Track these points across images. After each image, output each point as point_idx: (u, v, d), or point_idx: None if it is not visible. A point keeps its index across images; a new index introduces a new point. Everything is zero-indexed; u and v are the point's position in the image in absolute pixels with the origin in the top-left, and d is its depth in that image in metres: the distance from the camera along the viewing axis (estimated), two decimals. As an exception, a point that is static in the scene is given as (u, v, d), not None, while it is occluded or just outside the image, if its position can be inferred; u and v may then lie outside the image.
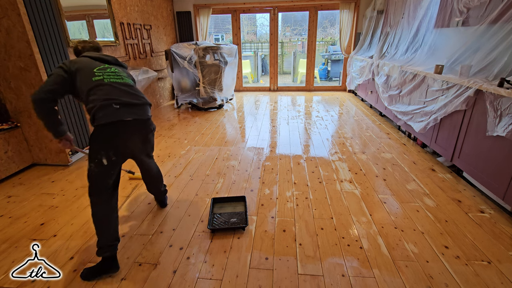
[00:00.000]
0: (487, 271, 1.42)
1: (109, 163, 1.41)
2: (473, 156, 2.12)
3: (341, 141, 3.22)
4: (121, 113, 1.40)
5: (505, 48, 2.05)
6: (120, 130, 1.42)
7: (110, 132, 1.39)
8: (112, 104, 1.39)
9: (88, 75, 1.43)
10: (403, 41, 3.78)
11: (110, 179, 1.46)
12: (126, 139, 1.46)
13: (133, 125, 1.46)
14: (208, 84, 4.65)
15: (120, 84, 1.48)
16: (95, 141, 1.40)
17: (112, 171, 1.45)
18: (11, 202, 2.12)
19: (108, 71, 1.50)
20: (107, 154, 1.40)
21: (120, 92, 1.46)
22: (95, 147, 1.40)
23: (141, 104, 1.51)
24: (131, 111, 1.45)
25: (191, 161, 2.77)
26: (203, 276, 1.43)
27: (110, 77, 1.48)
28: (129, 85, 1.53)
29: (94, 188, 1.43)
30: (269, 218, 1.87)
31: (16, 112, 2.53)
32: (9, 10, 2.17)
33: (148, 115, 1.54)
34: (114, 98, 1.41)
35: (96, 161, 1.39)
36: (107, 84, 1.44)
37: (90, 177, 1.43)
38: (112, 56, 1.64)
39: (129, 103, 1.45)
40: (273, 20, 5.98)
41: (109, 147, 1.40)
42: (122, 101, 1.42)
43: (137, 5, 4.31)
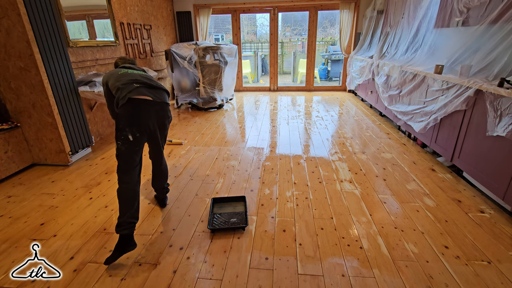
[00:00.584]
0: (487, 271, 1.42)
1: (134, 139, 1.54)
2: (473, 156, 2.12)
3: (341, 141, 3.22)
4: (141, 91, 1.59)
5: (505, 48, 2.05)
6: (141, 108, 1.57)
7: (132, 109, 1.55)
8: (133, 83, 1.60)
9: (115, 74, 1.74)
10: (403, 41, 3.78)
11: (137, 155, 1.58)
12: (146, 117, 1.60)
13: (152, 106, 1.61)
14: (208, 84, 4.65)
15: (141, 74, 1.76)
16: (120, 120, 1.53)
17: (137, 147, 1.58)
18: (11, 202, 2.12)
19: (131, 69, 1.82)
20: (132, 131, 1.53)
21: (140, 77, 1.69)
22: (120, 126, 1.53)
23: (159, 88, 1.70)
24: (150, 91, 1.63)
25: (191, 161, 2.77)
26: (203, 276, 1.43)
27: (134, 71, 1.78)
28: (149, 76, 1.79)
29: (123, 164, 1.54)
30: (269, 218, 1.87)
31: (16, 112, 2.53)
32: (9, 10, 2.17)
33: (166, 100, 1.71)
34: (134, 79, 1.64)
35: (123, 137, 1.52)
36: (129, 73, 1.72)
37: (118, 155, 1.55)
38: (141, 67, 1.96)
39: (148, 84, 1.65)
40: (273, 20, 5.98)
41: (132, 123, 1.54)
42: (142, 81, 1.64)
43: (137, 5, 4.31)
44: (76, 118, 2.76)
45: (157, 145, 1.80)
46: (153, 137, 1.72)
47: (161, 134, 1.77)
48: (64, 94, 2.60)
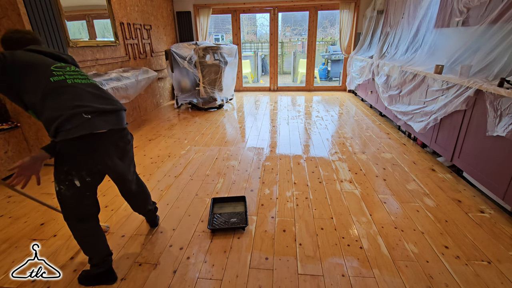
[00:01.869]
0: (487, 271, 1.42)
1: (82, 184, 1.20)
2: (473, 156, 2.12)
3: (341, 141, 3.22)
4: (94, 124, 1.14)
5: (505, 48, 2.05)
6: (93, 145, 1.17)
7: (81, 148, 1.15)
8: (82, 114, 1.12)
9: (43, 73, 1.15)
10: (403, 41, 3.78)
11: (87, 199, 1.27)
12: (102, 154, 1.22)
13: (109, 137, 1.21)
14: (208, 84, 4.65)
15: (87, 86, 1.23)
16: (64, 160, 1.16)
17: (88, 192, 1.26)
18: (11, 202, 2.12)
19: (68, 69, 1.24)
20: (79, 175, 1.18)
21: (90, 96, 1.20)
22: (64, 167, 1.16)
23: (116, 110, 1.26)
24: (106, 120, 1.19)
25: (191, 161, 2.77)
26: (203, 276, 1.43)
27: (74, 77, 1.21)
28: (97, 86, 1.28)
29: (68, 213, 1.26)
30: (269, 218, 1.87)
31: (16, 112, 2.53)
32: (9, 10, 2.17)
33: (124, 124, 1.30)
34: (84, 105, 1.14)
35: (67, 183, 1.18)
36: (71, 85, 1.17)
37: (61, 201, 1.22)
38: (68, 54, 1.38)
39: (103, 110, 1.19)
40: (273, 20, 5.98)
41: (81, 166, 1.18)
42: (94, 108, 1.16)
43: (137, 5, 4.31)
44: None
45: (123, 178, 1.43)
46: (115, 173, 1.36)
47: (125, 164, 1.38)
48: (64, 94, 2.60)
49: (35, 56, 1.20)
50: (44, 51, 1.26)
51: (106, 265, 1.38)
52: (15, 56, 1.14)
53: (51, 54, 1.27)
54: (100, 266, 1.37)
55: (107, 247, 1.39)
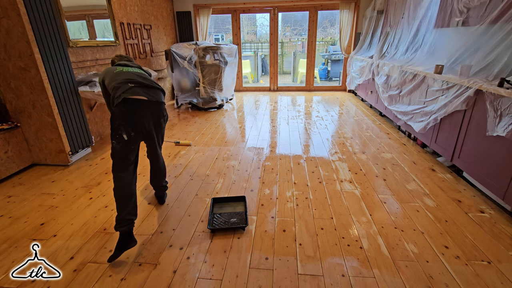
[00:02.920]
0: (487, 271, 1.42)
1: (129, 138, 1.55)
2: (473, 156, 2.12)
3: (341, 141, 3.22)
4: (136, 91, 1.58)
5: (505, 48, 2.05)
6: (136, 107, 1.57)
7: (127, 109, 1.55)
8: (127, 83, 1.59)
9: (111, 72, 1.73)
10: (403, 41, 3.78)
11: (132, 154, 1.60)
12: (141, 116, 1.60)
13: (147, 105, 1.61)
14: (208, 84, 4.65)
15: (137, 72, 1.74)
16: (115, 119, 1.54)
17: (133, 146, 1.59)
18: (11, 202, 2.12)
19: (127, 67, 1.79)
20: (126, 130, 1.54)
21: (135, 75, 1.68)
22: (115, 125, 1.53)
23: (154, 87, 1.69)
24: (145, 91, 1.62)
25: (191, 161, 2.77)
26: (203, 276, 1.43)
27: (129, 69, 1.76)
28: (145, 74, 1.77)
29: (117, 163, 1.57)
30: (269, 218, 1.87)
31: (16, 112, 2.53)
32: (9, 10, 2.17)
33: (161, 99, 1.70)
34: (129, 79, 1.63)
35: (118, 137, 1.53)
36: (125, 72, 1.71)
37: (113, 153, 1.57)
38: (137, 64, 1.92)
39: (143, 84, 1.64)
40: (273, 20, 5.98)
41: (127, 123, 1.54)
42: (138, 82, 1.63)
43: (137, 5, 4.31)
44: (76, 118, 2.76)
45: (154, 144, 1.80)
46: (149, 136, 1.73)
47: (157, 133, 1.78)
48: (64, 94, 2.60)
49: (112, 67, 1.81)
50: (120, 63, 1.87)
51: (129, 225, 1.54)
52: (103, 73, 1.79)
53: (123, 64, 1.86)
54: (124, 224, 1.51)
55: (135, 208, 1.60)
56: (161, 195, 2.07)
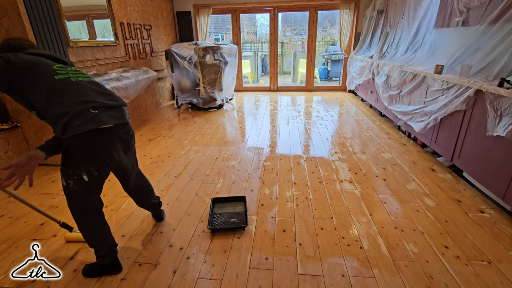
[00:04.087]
0: (487, 271, 1.42)
1: (90, 179, 1.24)
2: (473, 156, 2.12)
3: (341, 141, 3.22)
4: (101, 118, 1.18)
5: (505, 48, 2.05)
6: (100, 139, 1.21)
7: (89, 143, 1.18)
8: (89, 109, 1.16)
9: (46, 72, 1.18)
10: (403, 41, 3.78)
11: (95, 194, 1.31)
12: (109, 148, 1.26)
13: (114, 132, 1.26)
14: (208, 84, 4.65)
15: (90, 83, 1.28)
16: (72, 156, 1.19)
17: (95, 187, 1.30)
18: (11, 202, 2.12)
19: (70, 69, 1.29)
20: (88, 169, 1.22)
21: (94, 92, 1.24)
22: (72, 163, 1.20)
23: (119, 105, 1.31)
24: (111, 115, 1.24)
25: (191, 161, 2.77)
26: (203, 276, 1.43)
27: (77, 76, 1.26)
28: (99, 84, 1.33)
29: (77, 208, 1.30)
30: (269, 218, 1.87)
31: (16, 112, 2.53)
32: (9, 10, 2.17)
33: (127, 118, 1.35)
34: (90, 101, 1.19)
35: (75, 178, 1.21)
36: (75, 83, 1.22)
37: (70, 196, 1.26)
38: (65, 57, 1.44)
39: (108, 106, 1.24)
40: (273, 20, 5.98)
41: (89, 160, 1.21)
42: (99, 103, 1.21)
43: (137, 5, 4.31)
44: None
45: (127, 173, 1.49)
46: (120, 168, 1.42)
47: (130, 159, 1.46)
48: (64, 94, 2.60)
49: (37, 57, 1.23)
50: (44, 54, 1.29)
51: (112, 256, 1.43)
52: (18, 57, 1.15)
53: (51, 56, 1.30)
54: (106, 257, 1.41)
55: (112, 239, 1.43)
56: (157, 214, 1.83)
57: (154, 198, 1.76)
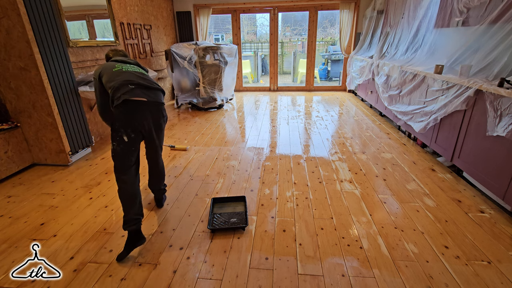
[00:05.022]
0: (487, 271, 1.42)
1: (129, 140, 1.56)
2: (473, 156, 2.12)
3: (341, 141, 3.22)
4: (136, 93, 1.56)
5: (505, 48, 2.05)
6: (136, 109, 1.56)
7: (127, 111, 1.53)
8: (128, 85, 1.56)
9: (109, 69, 1.67)
10: (403, 41, 3.78)
11: (132, 156, 1.60)
12: (141, 118, 1.59)
13: (147, 106, 1.60)
14: (208, 84, 4.65)
15: (137, 72, 1.70)
16: (116, 121, 1.54)
17: (133, 148, 1.60)
18: (11, 202, 2.12)
19: (127, 65, 1.75)
20: (126, 132, 1.54)
21: (135, 76, 1.65)
22: (115, 126, 1.54)
23: (154, 88, 1.68)
24: (145, 93, 1.60)
25: (191, 161, 2.77)
26: (203, 276, 1.43)
27: (128, 68, 1.71)
28: (145, 74, 1.74)
29: (118, 165, 1.58)
30: (269, 218, 1.87)
31: (16, 112, 2.53)
32: (9, 10, 2.17)
33: (161, 100, 1.69)
34: (129, 80, 1.59)
35: (118, 139, 1.54)
36: (124, 71, 1.66)
37: (114, 155, 1.58)
38: (134, 60, 1.87)
39: (143, 85, 1.62)
40: (273, 20, 5.98)
41: (127, 124, 1.54)
42: (138, 83, 1.60)
43: (137, 5, 4.31)
44: (76, 118, 2.76)
45: (153, 145, 1.79)
46: (149, 137, 1.72)
47: (157, 135, 1.76)
48: (64, 94, 2.60)
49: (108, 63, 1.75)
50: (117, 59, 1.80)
51: (137, 224, 1.55)
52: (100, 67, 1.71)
53: (121, 60, 1.80)
54: (133, 223, 1.53)
55: (141, 207, 1.63)
56: (159, 198, 2.04)
57: (164, 185, 2.05)
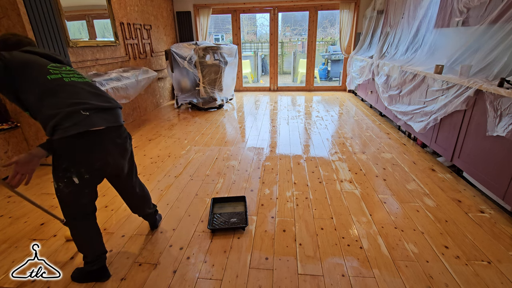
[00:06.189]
0: (487, 271, 1.42)
1: (81, 182, 1.19)
2: (473, 156, 2.12)
3: (341, 141, 3.22)
4: (92, 121, 1.14)
5: (505, 48, 2.05)
6: (91, 142, 1.16)
7: (79, 146, 1.14)
8: (80, 111, 1.12)
9: (40, 72, 1.15)
10: (403, 41, 3.78)
11: (85, 198, 1.27)
12: (103, 153, 1.21)
13: (107, 134, 1.21)
14: (208, 84, 4.65)
15: (84, 84, 1.24)
16: (62, 158, 1.15)
17: (87, 190, 1.25)
18: (11, 202, 2.12)
19: (64, 69, 1.25)
20: (78, 172, 1.17)
21: (87, 93, 1.20)
22: (62, 165, 1.15)
23: (113, 108, 1.27)
24: (103, 117, 1.19)
25: (191, 161, 2.77)
26: (203, 276, 1.43)
27: (70, 76, 1.22)
28: (93, 85, 1.29)
29: (67, 211, 1.28)
30: (269, 218, 1.87)
31: (16, 112, 2.53)
32: (9, 10, 2.17)
33: (121, 121, 1.30)
34: (82, 102, 1.15)
35: (65, 180, 1.17)
36: (68, 84, 1.18)
37: (60, 198, 1.23)
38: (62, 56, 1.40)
39: (100, 108, 1.20)
40: (273, 20, 5.98)
41: (80, 163, 1.17)
42: (91, 105, 1.17)
43: (137, 5, 4.31)
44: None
45: (124, 178, 1.43)
46: (117, 172, 1.35)
47: (128, 162, 1.40)
48: (64, 94, 2.60)
49: (31, 56, 1.20)
50: (39, 52, 1.26)
51: (100, 263, 1.39)
52: (12, 55, 1.13)
53: (46, 55, 1.27)
54: (94, 263, 1.37)
55: (102, 246, 1.40)
56: (152, 222, 1.76)
57: (150, 208, 1.70)
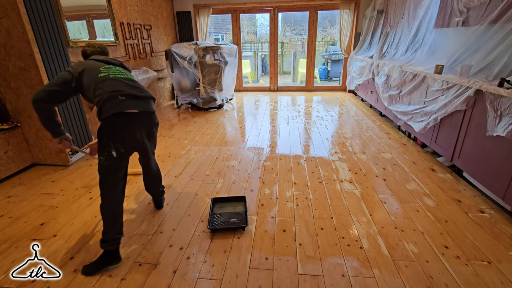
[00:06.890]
0: (487, 271, 1.42)
1: (118, 155, 1.44)
2: (473, 156, 2.12)
3: (341, 141, 3.22)
4: (127, 104, 1.44)
5: (505, 48, 2.05)
6: (126, 122, 1.45)
7: (117, 124, 1.43)
8: (118, 96, 1.43)
9: (94, 73, 1.51)
10: (403, 41, 3.78)
11: (120, 171, 1.50)
12: (132, 130, 1.50)
13: (139, 117, 1.50)
14: (208, 84, 4.65)
15: (125, 79, 1.55)
16: (103, 134, 1.43)
17: (122, 163, 1.49)
18: (11, 202, 2.12)
19: (113, 69, 1.59)
20: (116, 146, 1.43)
21: (125, 85, 1.52)
22: (103, 140, 1.43)
23: (145, 97, 1.56)
24: (136, 103, 1.49)
25: (191, 161, 2.77)
26: (203, 276, 1.43)
27: (115, 73, 1.56)
28: (133, 80, 1.60)
29: (105, 181, 1.47)
30: (269, 218, 1.87)
31: (16, 112, 2.53)
32: (9, 10, 2.17)
33: (152, 108, 1.59)
34: (119, 90, 1.46)
35: (106, 153, 1.43)
36: (112, 78, 1.50)
37: (101, 170, 1.46)
38: (118, 60, 1.74)
39: (134, 95, 1.50)
40: (273, 20, 5.98)
41: (117, 139, 1.44)
42: (127, 92, 1.47)
43: (137, 5, 4.31)
44: (76, 118, 2.76)
45: (147, 153, 1.71)
46: (142, 148, 1.63)
47: (150, 142, 1.68)
48: (64, 94, 2.60)
49: (90, 62, 1.59)
50: (99, 59, 1.63)
51: (115, 244, 1.48)
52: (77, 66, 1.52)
53: (104, 61, 1.64)
54: (111, 243, 1.46)
55: (122, 226, 1.54)
56: (158, 200, 2.02)
57: (161, 187, 2.01)
